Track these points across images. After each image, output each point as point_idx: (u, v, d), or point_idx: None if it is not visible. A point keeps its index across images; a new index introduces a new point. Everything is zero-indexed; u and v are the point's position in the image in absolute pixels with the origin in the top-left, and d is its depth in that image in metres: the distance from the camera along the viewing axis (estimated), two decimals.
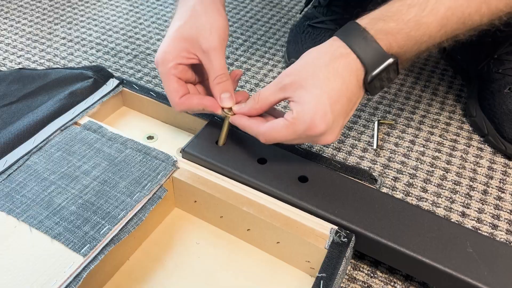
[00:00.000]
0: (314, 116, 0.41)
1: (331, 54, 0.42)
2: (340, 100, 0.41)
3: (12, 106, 0.59)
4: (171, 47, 0.47)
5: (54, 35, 0.83)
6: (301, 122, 0.41)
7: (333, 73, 0.41)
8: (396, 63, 0.42)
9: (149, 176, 0.48)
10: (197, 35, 0.46)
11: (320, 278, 0.40)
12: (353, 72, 0.42)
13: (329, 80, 0.41)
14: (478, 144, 0.63)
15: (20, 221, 0.43)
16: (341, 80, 0.41)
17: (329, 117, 0.41)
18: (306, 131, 0.41)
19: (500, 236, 0.51)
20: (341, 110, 0.42)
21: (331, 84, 0.41)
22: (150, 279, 0.45)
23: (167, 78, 0.47)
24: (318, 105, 0.41)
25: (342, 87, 0.41)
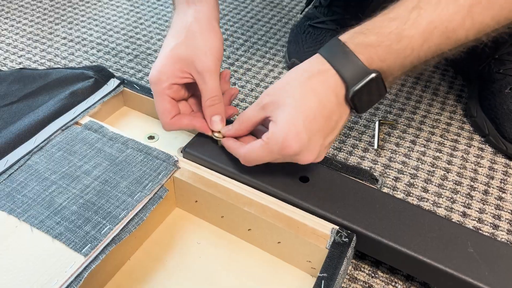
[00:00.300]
0: (286, 136, 0.40)
1: (309, 72, 0.42)
2: (316, 118, 0.41)
3: (13, 106, 0.59)
4: (166, 67, 0.47)
5: (55, 35, 0.83)
6: (275, 142, 0.41)
7: (309, 91, 0.41)
8: (379, 78, 0.41)
9: (150, 176, 0.48)
10: (193, 56, 0.46)
11: (321, 278, 0.40)
12: (331, 88, 0.41)
13: (305, 98, 0.41)
14: (479, 144, 0.63)
15: (21, 221, 0.43)
16: (316, 97, 0.41)
17: (303, 136, 0.40)
18: (281, 150, 0.41)
19: (501, 236, 0.51)
20: (318, 129, 0.41)
21: (307, 103, 0.40)
22: (151, 279, 0.45)
23: (160, 98, 0.48)
24: (291, 124, 0.40)
25: (318, 106, 0.41)
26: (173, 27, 0.49)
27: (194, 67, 0.46)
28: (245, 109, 0.67)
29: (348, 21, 0.78)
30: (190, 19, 0.48)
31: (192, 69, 0.47)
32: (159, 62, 0.48)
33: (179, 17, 0.49)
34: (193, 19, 0.48)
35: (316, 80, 0.41)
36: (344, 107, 0.42)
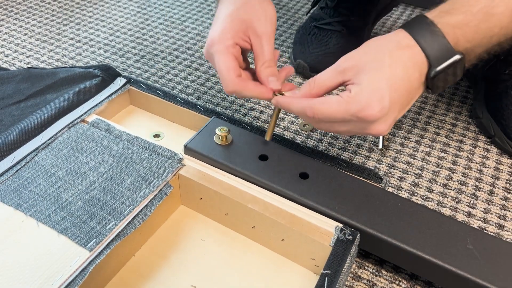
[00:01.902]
0: (370, 97, 0.39)
1: (396, 43, 0.41)
2: (399, 89, 0.39)
3: (21, 104, 0.59)
4: (229, 27, 0.46)
5: (63, 35, 0.84)
6: (356, 101, 0.39)
7: (396, 61, 0.40)
8: (462, 60, 0.40)
9: (155, 173, 0.48)
10: (253, 19, 0.46)
11: (324, 275, 0.40)
12: (417, 64, 0.40)
13: (392, 66, 0.39)
14: (485, 145, 0.63)
15: (27, 216, 0.43)
16: (404, 69, 0.39)
17: (386, 102, 0.39)
18: (359, 112, 0.39)
19: (507, 236, 0.51)
20: (399, 100, 0.40)
21: (394, 71, 0.39)
22: (156, 275, 0.45)
23: (225, 55, 0.45)
24: (377, 87, 0.39)
25: (404, 77, 0.39)
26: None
27: (253, 30, 0.46)
28: (247, 110, 0.67)
29: (354, 22, 0.79)
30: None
31: (251, 32, 0.46)
32: (219, 24, 0.46)
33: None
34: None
35: (404, 53, 0.40)
36: (423, 85, 0.41)
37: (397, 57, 0.40)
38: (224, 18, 0.46)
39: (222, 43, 0.45)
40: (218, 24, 0.47)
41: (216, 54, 0.45)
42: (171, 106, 0.60)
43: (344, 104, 0.40)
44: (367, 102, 0.39)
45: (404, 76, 0.39)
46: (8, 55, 0.78)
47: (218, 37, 0.45)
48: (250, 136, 0.53)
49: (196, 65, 0.77)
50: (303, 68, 0.74)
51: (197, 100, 0.69)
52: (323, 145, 0.62)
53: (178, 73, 0.75)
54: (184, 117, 0.60)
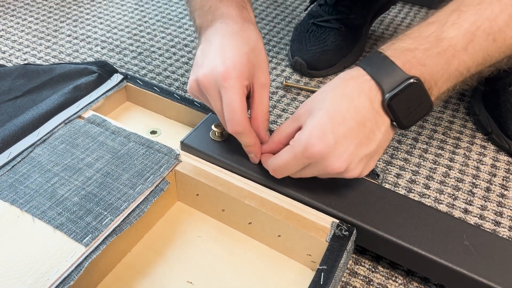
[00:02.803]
0: (310, 135, 0.39)
1: (343, 78, 0.41)
2: (345, 122, 0.38)
3: (17, 101, 0.59)
4: (245, 67, 0.43)
5: (60, 32, 0.84)
6: (299, 143, 0.40)
7: (340, 94, 0.39)
8: (419, 84, 0.38)
9: (151, 169, 0.48)
10: (261, 67, 0.44)
11: (320, 270, 0.40)
12: (364, 92, 0.39)
13: (334, 101, 0.39)
14: (482, 142, 0.63)
15: (23, 211, 0.43)
16: (347, 101, 0.39)
17: (329, 138, 0.38)
18: (304, 152, 0.39)
19: (503, 233, 0.51)
20: (348, 133, 0.38)
21: (336, 105, 0.39)
22: (152, 272, 0.45)
23: (240, 93, 0.42)
24: (317, 125, 0.39)
25: (348, 108, 0.39)
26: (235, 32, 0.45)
27: (257, 78, 0.44)
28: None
29: (353, 20, 0.79)
30: (257, 33, 0.46)
31: (256, 80, 0.44)
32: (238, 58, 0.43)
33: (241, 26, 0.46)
34: (258, 34, 0.46)
35: (349, 84, 0.40)
36: (382, 115, 0.39)
37: (339, 90, 0.40)
38: (240, 55, 0.43)
39: (239, 80, 0.42)
40: (233, 57, 0.42)
41: (231, 89, 0.42)
42: (168, 103, 0.60)
43: (291, 150, 0.41)
44: (308, 139, 0.39)
45: (349, 107, 0.39)
46: (4, 51, 0.78)
47: (237, 73, 0.42)
48: None
49: None
50: (301, 65, 0.74)
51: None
52: None
53: (176, 70, 0.75)
54: (181, 113, 0.60)
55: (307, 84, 0.73)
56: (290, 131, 0.43)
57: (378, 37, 0.86)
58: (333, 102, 0.39)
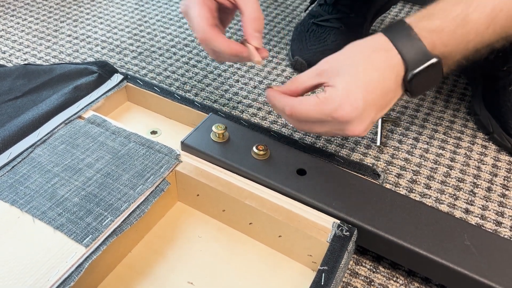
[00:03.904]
0: (344, 98, 0.40)
1: (372, 47, 0.42)
2: (374, 91, 0.41)
3: (17, 101, 0.59)
4: None
5: (60, 32, 0.84)
6: (330, 101, 0.40)
7: (371, 65, 0.41)
8: (439, 63, 0.41)
9: (152, 169, 0.48)
10: None
11: (321, 271, 0.40)
12: (392, 67, 0.41)
13: (366, 70, 0.41)
14: (483, 142, 0.63)
15: (23, 212, 0.43)
16: (378, 72, 0.41)
17: (360, 104, 0.40)
18: (333, 112, 0.40)
19: (504, 233, 0.51)
20: (374, 102, 0.41)
21: (368, 75, 0.41)
22: (152, 272, 0.45)
23: (198, 4, 0.45)
24: (351, 90, 0.40)
25: (379, 79, 0.41)
26: None
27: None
28: (245, 107, 0.67)
29: (353, 19, 0.78)
30: None
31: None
32: None
33: None
34: None
35: (379, 56, 0.41)
36: (400, 87, 0.42)
37: (372, 60, 0.41)
38: None
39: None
40: None
41: (191, 5, 0.45)
42: (169, 103, 0.60)
43: (319, 105, 0.41)
44: (340, 103, 0.40)
45: (380, 78, 0.41)
46: (5, 51, 0.78)
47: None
48: (248, 133, 0.52)
49: (194, 62, 0.76)
50: (301, 65, 0.73)
51: (194, 97, 0.68)
52: (321, 142, 0.61)
53: (176, 70, 0.74)
54: (181, 113, 0.60)
55: None
56: (309, 85, 0.44)
57: None
58: (366, 71, 0.41)
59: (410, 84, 0.41)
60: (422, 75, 0.41)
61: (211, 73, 0.74)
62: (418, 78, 0.41)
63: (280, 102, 0.44)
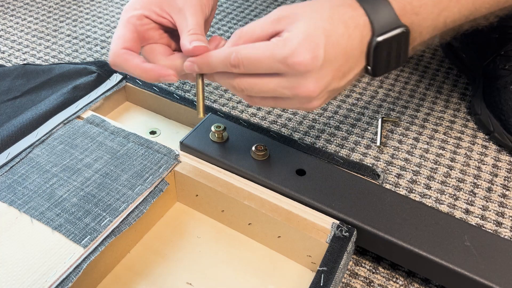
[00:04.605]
0: (302, 43, 0.34)
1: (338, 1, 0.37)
2: (338, 45, 0.35)
3: (16, 101, 0.59)
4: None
5: (59, 32, 0.83)
6: (285, 44, 0.34)
7: (337, 17, 0.35)
8: (407, 35, 0.36)
9: (150, 169, 0.48)
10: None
11: (321, 271, 0.40)
12: (359, 27, 0.36)
13: (332, 19, 0.35)
14: (483, 142, 0.63)
15: (21, 212, 0.43)
16: (345, 27, 0.35)
17: (320, 52, 0.34)
18: (287, 58, 0.34)
19: (505, 233, 0.51)
20: (335, 59, 0.35)
21: (333, 25, 0.35)
22: (151, 273, 0.45)
23: (122, 24, 0.41)
24: (312, 35, 0.34)
25: (344, 34, 0.35)
26: None
27: (174, 5, 0.41)
28: (244, 107, 0.67)
29: None
30: None
31: (171, 7, 0.41)
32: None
33: None
34: None
35: (347, 11, 0.36)
36: (362, 57, 0.37)
37: (338, 12, 0.36)
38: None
39: (126, 13, 0.41)
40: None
41: (119, 22, 0.41)
42: (168, 103, 0.60)
43: (272, 48, 0.35)
44: (297, 47, 0.34)
45: (345, 33, 0.35)
46: (4, 51, 0.78)
47: (126, 7, 0.41)
48: (247, 133, 0.52)
49: None
50: None
51: (194, 97, 0.68)
52: (320, 142, 0.61)
53: None
54: (180, 113, 0.60)
55: None
56: (262, 35, 0.37)
57: None
58: (330, 20, 0.35)
59: (375, 53, 0.36)
60: (387, 45, 0.36)
61: None
62: (382, 47, 0.36)
63: (221, 53, 0.37)
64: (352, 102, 0.69)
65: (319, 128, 0.64)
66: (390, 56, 0.37)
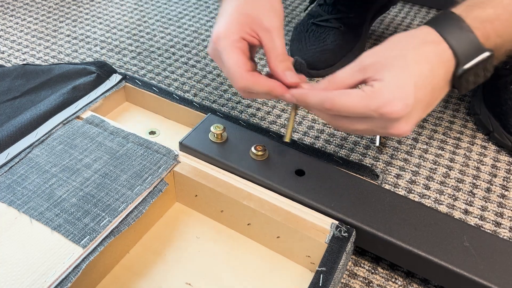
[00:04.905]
0: (394, 93, 0.36)
1: (421, 39, 0.38)
2: (425, 87, 0.37)
3: (16, 101, 0.59)
4: (234, 22, 0.43)
5: (59, 32, 0.84)
6: (379, 95, 0.36)
7: (422, 57, 0.37)
8: (492, 57, 0.37)
9: (150, 169, 0.48)
10: (259, 13, 0.43)
11: (320, 272, 0.40)
12: (443, 62, 0.37)
13: (417, 63, 0.37)
14: (482, 142, 0.63)
15: (20, 213, 0.43)
16: (430, 66, 0.37)
17: (411, 100, 0.36)
18: (381, 107, 0.36)
19: (503, 234, 0.51)
20: (423, 99, 0.37)
21: (419, 68, 0.37)
22: (150, 273, 0.45)
23: (231, 50, 0.42)
24: (402, 84, 0.36)
25: (429, 74, 0.37)
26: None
27: (261, 25, 0.43)
28: (244, 108, 0.67)
29: (353, 19, 0.78)
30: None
31: (259, 27, 0.43)
32: (224, 20, 0.43)
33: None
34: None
35: (430, 49, 0.37)
36: (447, 85, 0.39)
37: (422, 53, 0.38)
38: (229, 13, 0.44)
39: (228, 38, 0.42)
40: (222, 20, 0.44)
41: (223, 50, 0.42)
42: (167, 103, 0.60)
43: (366, 98, 0.37)
44: (390, 98, 0.36)
45: (430, 73, 0.37)
46: (3, 51, 0.78)
47: (224, 33, 0.43)
48: (246, 133, 0.52)
49: (193, 62, 0.76)
50: (300, 65, 0.73)
51: (193, 97, 0.68)
52: (320, 142, 0.61)
53: (175, 70, 0.74)
54: (180, 114, 0.60)
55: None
56: (351, 82, 0.40)
57: (378, 37, 0.85)
58: (417, 64, 0.37)
59: (460, 80, 0.38)
60: (473, 70, 0.38)
61: (210, 73, 0.74)
62: (468, 73, 0.38)
63: (317, 97, 0.40)
64: None
65: (319, 128, 0.64)
66: (475, 78, 0.38)
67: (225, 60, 0.42)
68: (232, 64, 0.42)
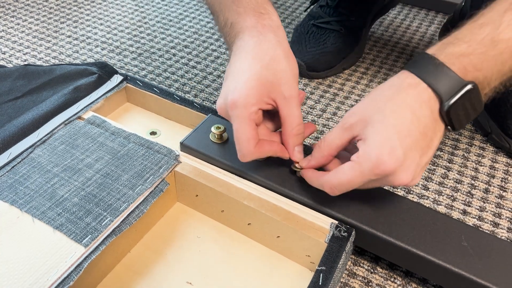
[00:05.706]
0: (380, 152, 0.37)
1: (397, 87, 0.39)
2: (411, 133, 0.37)
3: (18, 101, 0.59)
4: (254, 91, 0.42)
5: (60, 33, 0.84)
6: (367, 160, 0.37)
7: (400, 105, 0.38)
8: (476, 89, 0.37)
9: (151, 169, 0.48)
10: (280, 81, 0.42)
11: (319, 271, 0.41)
12: (425, 102, 0.37)
13: (396, 113, 0.37)
14: (480, 144, 0.63)
15: (23, 212, 0.43)
16: (410, 111, 0.37)
17: (399, 152, 0.37)
18: (373, 169, 0.37)
19: (502, 234, 0.51)
20: (414, 145, 0.37)
21: (399, 117, 0.37)
22: (151, 272, 0.46)
23: (246, 123, 0.42)
24: (385, 139, 0.37)
25: (412, 120, 0.37)
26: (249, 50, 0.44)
27: (280, 93, 0.42)
28: None
29: (353, 22, 0.79)
30: (274, 43, 0.43)
31: (278, 95, 0.43)
32: (243, 84, 0.42)
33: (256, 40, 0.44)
34: (276, 43, 0.43)
35: (407, 94, 0.38)
36: (439, 123, 0.38)
37: (400, 100, 0.38)
38: (249, 79, 0.42)
39: (245, 110, 0.41)
40: (241, 84, 0.42)
41: (237, 119, 0.42)
42: (168, 104, 0.60)
43: (358, 166, 0.38)
44: (378, 157, 0.37)
45: (412, 118, 0.37)
46: (5, 52, 0.78)
47: (242, 102, 0.41)
48: None
49: (193, 63, 0.77)
50: (300, 67, 0.74)
51: (194, 98, 0.69)
52: None
53: (175, 71, 0.75)
54: (181, 114, 0.60)
55: (307, 86, 0.74)
56: (341, 143, 0.41)
57: (377, 39, 0.86)
58: (395, 114, 0.38)
59: (448, 116, 0.38)
60: (460, 104, 0.37)
61: (211, 74, 0.74)
62: (455, 108, 0.37)
63: (317, 182, 0.43)
64: (351, 103, 0.70)
65: (318, 129, 0.64)
66: (466, 110, 0.38)
67: (236, 128, 0.42)
68: (243, 139, 0.42)
